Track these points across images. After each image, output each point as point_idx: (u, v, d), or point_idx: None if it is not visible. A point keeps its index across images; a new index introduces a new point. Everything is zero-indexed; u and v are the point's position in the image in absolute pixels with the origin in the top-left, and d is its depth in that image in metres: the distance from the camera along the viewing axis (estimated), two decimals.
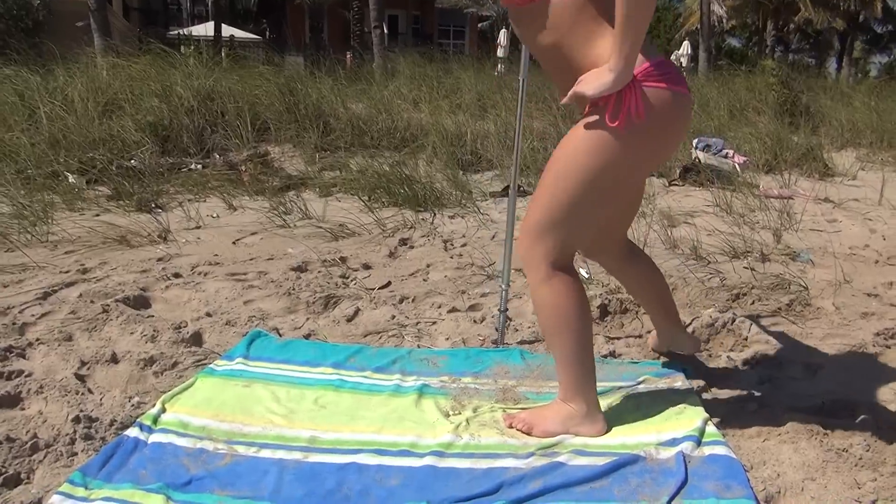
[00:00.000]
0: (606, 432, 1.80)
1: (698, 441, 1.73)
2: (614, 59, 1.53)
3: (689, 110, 1.71)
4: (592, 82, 1.57)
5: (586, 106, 1.65)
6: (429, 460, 1.66)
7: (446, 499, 1.52)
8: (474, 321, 2.64)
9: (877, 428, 1.85)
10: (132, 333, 2.41)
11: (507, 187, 5.08)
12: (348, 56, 14.61)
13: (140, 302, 2.76)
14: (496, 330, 2.49)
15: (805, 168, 6.11)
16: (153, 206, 4.36)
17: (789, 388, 2.15)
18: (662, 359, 2.32)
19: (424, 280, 3.17)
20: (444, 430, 1.81)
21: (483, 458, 1.68)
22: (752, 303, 2.89)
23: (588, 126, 1.63)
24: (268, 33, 28.45)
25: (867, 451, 1.74)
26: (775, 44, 31.30)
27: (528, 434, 1.79)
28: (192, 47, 8.28)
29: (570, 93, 1.62)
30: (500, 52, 17.48)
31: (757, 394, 2.09)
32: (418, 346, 2.42)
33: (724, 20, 30.19)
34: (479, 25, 32.37)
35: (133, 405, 1.93)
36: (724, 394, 2.11)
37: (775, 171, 5.92)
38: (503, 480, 1.58)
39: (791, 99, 8.64)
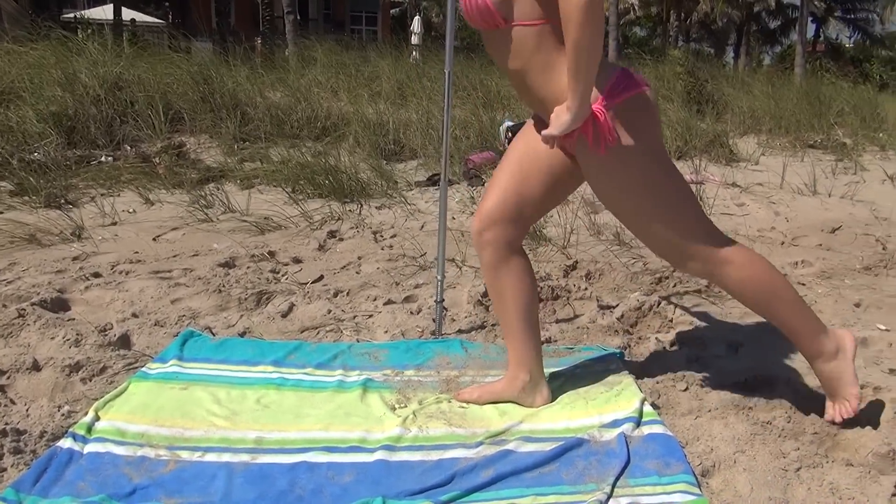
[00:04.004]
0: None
1: (638, 421, 1.81)
2: (570, 99, 1.57)
3: (655, 99, 1.77)
4: (555, 123, 1.62)
5: (575, 135, 1.66)
6: (380, 455, 1.67)
7: (401, 492, 1.53)
8: (411, 313, 2.65)
9: (795, 400, 1.99)
10: (53, 338, 2.29)
11: (433, 176, 5.11)
12: (258, 42, 14.18)
13: (58, 304, 2.62)
14: (433, 321, 2.51)
15: (713, 154, 6.40)
16: (63, 201, 4.14)
17: (714, 365, 2.27)
18: (597, 343, 2.41)
19: (357, 273, 3.15)
20: (391, 423, 1.81)
21: (433, 450, 1.70)
22: (674, 285, 3.03)
23: (610, 151, 1.65)
24: (171, 17, 27.24)
25: (788, 422, 1.87)
26: (677, 34, 32.57)
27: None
28: (91, 31, 7.83)
29: (542, 136, 1.66)
30: (414, 40, 17.43)
31: (685, 373, 2.19)
32: (357, 341, 2.41)
33: (636, 6, 31.04)
34: (392, 12, 32.15)
35: (63, 415, 1.84)
36: (656, 374, 2.21)
37: (686, 157, 6.18)
38: (455, 471, 1.60)
39: (697, 87, 9.01)
